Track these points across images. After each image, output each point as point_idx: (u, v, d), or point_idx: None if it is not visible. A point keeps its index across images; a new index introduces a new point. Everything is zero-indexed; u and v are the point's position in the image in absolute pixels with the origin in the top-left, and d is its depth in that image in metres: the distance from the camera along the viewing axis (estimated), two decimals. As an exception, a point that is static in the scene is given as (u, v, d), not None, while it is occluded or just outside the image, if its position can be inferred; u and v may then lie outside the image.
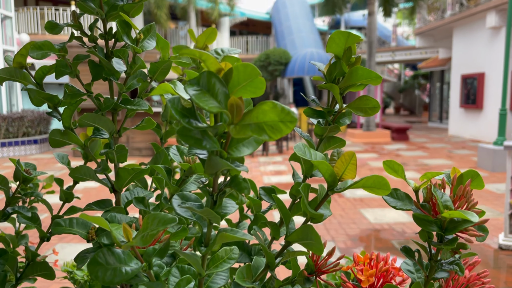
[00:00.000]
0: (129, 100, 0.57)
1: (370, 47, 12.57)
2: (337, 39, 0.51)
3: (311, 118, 0.55)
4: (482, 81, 11.97)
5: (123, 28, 0.55)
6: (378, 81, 0.51)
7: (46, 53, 0.53)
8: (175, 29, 18.80)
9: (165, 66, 0.60)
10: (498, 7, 10.87)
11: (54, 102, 0.56)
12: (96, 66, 0.55)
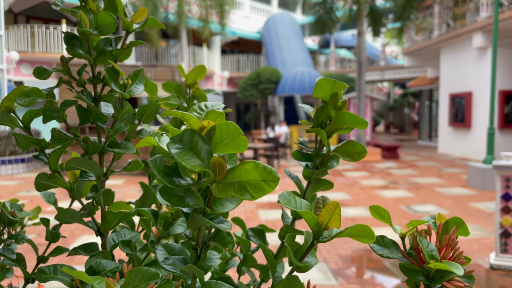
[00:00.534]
0: (116, 143, 0.57)
1: (359, 66, 12.76)
2: (323, 85, 0.52)
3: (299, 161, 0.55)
4: (470, 100, 12.19)
5: (111, 75, 0.55)
6: (364, 125, 0.52)
7: (34, 99, 0.53)
8: (166, 47, 18.93)
9: (153, 109, 0.60)
10: (483, 28, 11.16)
11: (41, 146, 0.56)
12: (83, 111, 0.55)
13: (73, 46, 0.56)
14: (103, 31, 0.55)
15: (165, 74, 10.35)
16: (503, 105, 11.39)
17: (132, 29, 0.58)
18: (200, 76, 0.74)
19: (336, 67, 22.27)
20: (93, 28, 0.54)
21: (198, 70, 0.73)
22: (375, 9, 13.12)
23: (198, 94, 0.75)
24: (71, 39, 0.56)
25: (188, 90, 0.76)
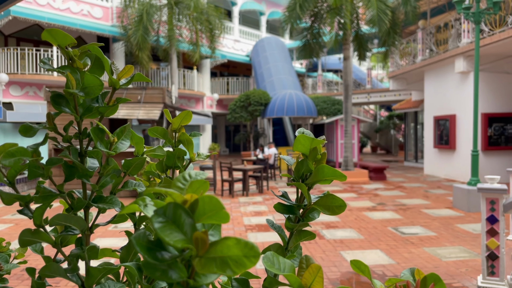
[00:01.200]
0: (102, 197, 0.57)
1: (346, 90, 12.99)
2: (302, 141, 0.55)
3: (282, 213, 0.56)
4: (454, 122, 12.45)
5: (97, 135, 0.56)
6: (343, 179, 0.54)
7: (19, 159, 0.53)
8: (156, 70, 19.04)
9: (139, 162, 0.61)
10: (465, 53, 11.51)
11: (26, 201, 0.56)
12: (69, 167, 0.56)
13: (59, 104, 0.56)
14: (89, 93, 0.56)
15: (155, 97, 10.36)
16: (486, 128, 11.64)
17: (118, 86, 0.59)
18: (186, 121, 0.75)
19: (324, 90, 22.61)
20: (79, 89, 0.55)
21: (184, 115, 0.74)
22: (361, 34, 13.46)
23: (184, 139, 0.75)
24: (58, 97, 0.56)
25: (174, 134, 0.77)
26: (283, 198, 0.58)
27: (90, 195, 0.58)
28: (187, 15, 15.53)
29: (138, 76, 0.60)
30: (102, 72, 0.58)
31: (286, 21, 12.89)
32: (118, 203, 0.56)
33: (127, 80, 0.60)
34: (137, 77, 0.60)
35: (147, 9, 14.56)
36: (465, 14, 8.41)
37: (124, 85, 0.60)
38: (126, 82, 0.60)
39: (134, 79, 0.61)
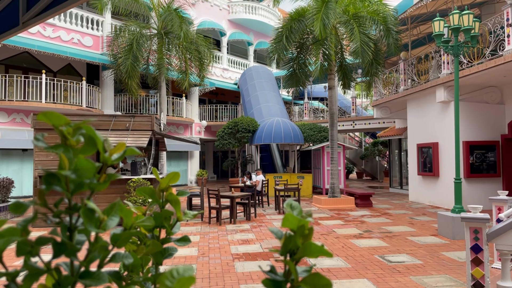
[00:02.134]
0: (89, 273, 0.60)
1: (331, 118, 13.29)
2: (290, 219, 0.63)
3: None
4: (437, 150, 12.79)
5: (87, 216, 0.61)
6: (329, 255, 0.65)
7: (9, 239, 0.56)
8: (145, 97, 19.19)
9: (127, 235, 0.67)
10: (446, 84, 11.99)
11: (13, 276, 0.58)
12: (58, 244, 0.59)
13: (51, 183, 0.59)
14: (81, 175, 0.60)
15: (143, 124, 10.46)
16: (468, 155, 11.99)
17: (110, 162, 0.64)
18: (174, 180, 0.79)
19: (310, 117, 23.02)
20: (72, 170, 0.60)
21: (172, 176, 0.78)
22: (345, 64, 13.92)
23: (171, 199, 0.78)
24: (49, 177, 0.60)
25: (161, 194, 0.80)
26: (270, 274, 0.63)
27: (78, 270, 0.60)
28: (177, 44, 15.87)
29: (130, 151, 0.65)
30: (94, 149, 0.63)
31: (273, 51, 13.27)
32: (106, 278, 0.59)
33: (119, 155, 0.65)
34: (129, 151, 0.65)
35: (137, 38, 14.85)
36: (444, 47, 8.85)
37: (116, 160, 0.64)
38: (118, 157, 0.65)
39: (126, 153, 0.65)
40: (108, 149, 0.63)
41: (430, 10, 14.07)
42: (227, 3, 24.27)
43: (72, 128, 0.60)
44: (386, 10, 12.48)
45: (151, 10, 16.31)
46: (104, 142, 0.62)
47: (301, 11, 12.96)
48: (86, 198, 0.62)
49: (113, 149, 0.64)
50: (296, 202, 0.69)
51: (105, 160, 0.64)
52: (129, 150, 0.65)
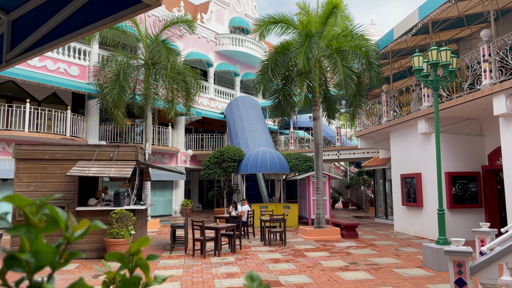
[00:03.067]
0: None
1: (316, 148, 13.43)
2: None
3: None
4: (420, 180, 12.95)
5: None
6: None
7: None
8: (131, 126, 19.14)
9: None
10: (427, 116, 12.30)
11: None
12: None
13: (11, 266, 0.59)
14: (41, 259, 0.60)
15: (127, 155, 10.38)
16: (450, 186, 12.17)
17: (73, 240, 0.64)
18: (144, 245, 0.79)
19: (295, 147, 23.20)
20: (32, 253, 0.60)
21: (142, 241, 0.78)
22: (329, 96, 14.22)
23: (141, 263, 0.78)
24: (9, 259, 0.60)
25: (131, 258, 0.79)
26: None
27: None
28: (164, 75, 16.02)
29: (93, 227, 0.66)
30: (57, 228, 0.63)
31: (259, 83, 13.51)
32: None
33: (82, 232, 0.65)
34: (93, 227, 0.66)
35: (124, 68, 14.96)
36: (424, 81, 9.16)
37: (78, 238, 0.65)
38: (81, 234, 0.65)
39: (90, 228, 0.66)
40: (70, 227, 0.64)
41: (410, 45, 14.62)
42: (215, 35, 24.80)
43: (35, 207, 0.61)
44: (367, 45, 12.91)
45: (139, 41, 16.53)
46: (66, 220, 0.63)
47: (286, 45, 13.31)
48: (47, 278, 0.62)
49: (76, 227, 0.64)
50: (257, 274, 0.70)
51: (68, 238, 0.64)
52: (92, 225, 0.66)
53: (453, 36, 14.40)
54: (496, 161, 11.78)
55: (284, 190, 19.97)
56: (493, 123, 11.56)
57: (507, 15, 12.55)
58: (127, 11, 1.61)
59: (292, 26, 13.35)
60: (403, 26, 12.73)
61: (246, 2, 28.42)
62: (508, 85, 9.03)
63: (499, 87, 9.29)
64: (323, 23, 12.92)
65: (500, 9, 11.94)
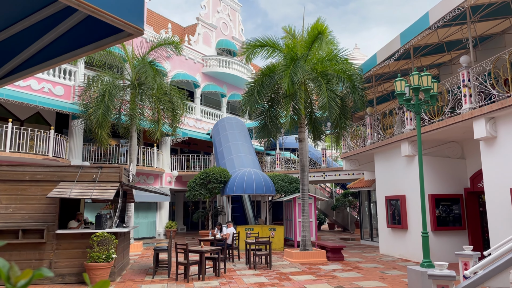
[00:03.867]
0: None
1: (302, 170, 13.46)
2: None
3: None
4: (404, 203, 13.05)
5: None
6: None
7: None
8: (115, 146, 18.93)
9: None
10: (410, 139, 12.51)
11: None
12: None
13: None
14: None
15: (111, 176, 10.21)
16: (434, 208, 12.28)
17: None
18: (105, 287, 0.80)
19: (282, 168, 23.23)
20: None
21: (101, 284, 0.79)
22: (315, 118, 14.37)
23: None
24: None
25: None
26: None
27: None
28: (150, 95, 16.00)
29: (38, 275, 0.64)
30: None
31: (245, 105, 13.60)
32: None
33: (26, 282, 0.64)
34: (37, 275, 0.64)
35: (109, 89, 14.90)
36: (406, 105, 9.35)
37: (23, 287, 0.63)
38: (24, 284, 0.64)
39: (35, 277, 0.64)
40: (12, 277, 0.62)
41: (392, 70, 14.99)
42: (202, 57, 25.03)
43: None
44: (351, 69, 13.19)
45: (125, 62, 16.56)
46: (8, 270, 0.61)
47: (272, 68, 13.50)
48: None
49: (18, 277, 0.62)
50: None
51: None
52: (37, 274, 0.65)
53: (434, 61, 14.83)
54: (478, 184, 11.97)
55: (270, 212, 19.85)
56: (474, 146, 11.81)
57: (485, 42, 13.03)
58: (110, 39, 1.62)
59: (278, 49, 13.58)
60: (386, 51, 13.07)
61: (233, 25, 28.89)
62: (487, 109, 9.29)
63: (479, 111, 9.54)
64: (308, 47, 13.18)
65: (478, 36, 12.39)
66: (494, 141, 9.60)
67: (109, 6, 1.36)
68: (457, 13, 9.91)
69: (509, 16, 11.47)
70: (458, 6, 9.61)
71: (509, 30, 12.23)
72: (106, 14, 1.35)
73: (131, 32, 1.49)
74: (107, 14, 1.36)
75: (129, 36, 1.55)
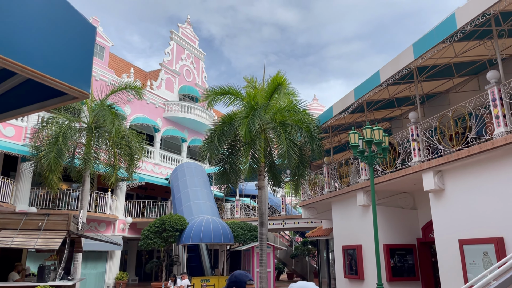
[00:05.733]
0: None
1: (261, 218, 13.38)
2: None
3: None
4: (361, 252, 13.14)
5: None
6: None
7: None
8: (66, 191, 18.03)
9: None
10: (364, 189, 12.84)
11: None
12: None
13: None
14: None
15: (58, 224, 9.64)
16: (389, 258, 12.44)
17: None
18: None
19: (241, 215, 22.94)
20: None
21: None
22: (274, 165, 14.54)
23: None
24: None
25: None
26: None
27: None
28: (107, 139, 15.63)
29: None
30: None
31: (205, 151, 13.58)
32: None
33: None
34: None
35: (64, 131, 14.42)
36: (360, 157, 9.71)
37: None
38: None
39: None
40: None
41: (348, 121, 15.65)
42: (164, 101, 25.06)
43: None
44: (309, 120, 13.66)
45: (83, 104, 16.23)
46: None
47: (232, 115, 13.73)
48: None
49: None
50: None
51: None
52: None
53: (386, 115, 15.68)
54: (429, 234, 12.35)
55: (228, 262, 19.30)
56: (425, 198, 12.30)
57: (431, 99, 14.02)
58: (54, 100, 1.59)
59: (239, 97, 13.91)
60: (341, 104, 13.70)
61: (196, 73, 29.42)
62: (434, 163, 9.81)
63: (427, 164, 10.05)
64: (268, 98, 13.60)
65: (425, 94, 13.33)
66: (442, 193, 10.06)
67: (52, 70, 1.35)
68: (405, 72, 10.68)
69: (452, 77, 12.50)
70: (406, 66, 10.38)
71: (452, 89, 13.26)
72: (49, 78, 1.34)
73: (75, 95, 1.48)
74: (50, 78, 1.34)
75: (74, 99, 1.53)
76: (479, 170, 8.96)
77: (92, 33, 1.50)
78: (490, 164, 8.65)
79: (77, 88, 1.45)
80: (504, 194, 8.23)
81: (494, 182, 8.52)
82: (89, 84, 1.50)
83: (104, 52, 22.16)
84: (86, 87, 1.48)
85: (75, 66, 1.45)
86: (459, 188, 9.53)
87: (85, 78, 1.48)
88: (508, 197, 8.13)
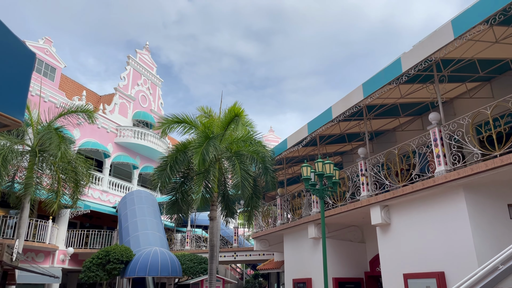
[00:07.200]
0: None
1: (212, 250, 13.06)
2: None
3: None
4: (310, 286, 13.12)
5: None
6: None
7: None
8: (3, 217, 16.70)
9: None
10: (316, 221, 12.99)
11: None
12: None
13: None
14: None
15: (-12, 255, 8.83)
16: (338, 292, 12.50)
17: None
18: None
19: (192, 246, 22.29)
20: None
21: None
22: (228, 195, 14.40)
23: None
24: None
25: None
26: None
27: None
28: (52, 163, 14.80)
29: None
30: None
31: (156, 179, 13.21)
32: None
33: None
34: None
35: (5, 154, 13.49)
36: (311, 190, 9.87)
37: None
38: None
39: None
40: None
41: (301, 154, 15.97)
42: (116, 126, 24.36)
43: None
44: (264, 151, 13.79)
45: (28, 126, 15.37)
46: None
47: (186, 144, 13.56)
48: None
49: None
50: None
51: None
52: None
53: (338, 149, 16.20)
54: (376, 268, 12.62)
55: (175, 295, 18.50)
56: (372, 231, 12.63)
57: (379, 136, 14.70)
58: (-16, 127, 1.48)
59: (195, 127, 13.82)
60: (295, 137, 14.00)
61: (152, 99, 29.04)
62: (381, 198, 10.17)
63: (374, 199, 10.39)
64: (224, 127, 13.62)
65: (373, 131, 13.97)
66: (388, 228, 10.39)
67: (-18, 97, 1.26)
68: (355, 110, 11.17)
69: (398, 116, 13.24)
70: (356, 104, 10.87)
71: (398, 128, 14.02)
72: (-23, 105, 1.25)
73: (7, 124, 1.39)
74: (-22, 106, 1.26)
75: (5, 126, 1.44)
76: (422, 205, 9.39)
77: (31, 59, 1.44)
78: (432, 200, 9.10)
79: (9, 116, 1.36)
80: (445, 230, 8.64)
81: (436, 218, 8.94)
82: (23, 112, 1.41)
83: (56, 73, 21.37)
84: (20, 116, 1.40)
85: (8, 93, 1.37)
86: (404, 222, 9.89)
87: (19, 106, 1.40)
88: (449, 233, 8.54)
